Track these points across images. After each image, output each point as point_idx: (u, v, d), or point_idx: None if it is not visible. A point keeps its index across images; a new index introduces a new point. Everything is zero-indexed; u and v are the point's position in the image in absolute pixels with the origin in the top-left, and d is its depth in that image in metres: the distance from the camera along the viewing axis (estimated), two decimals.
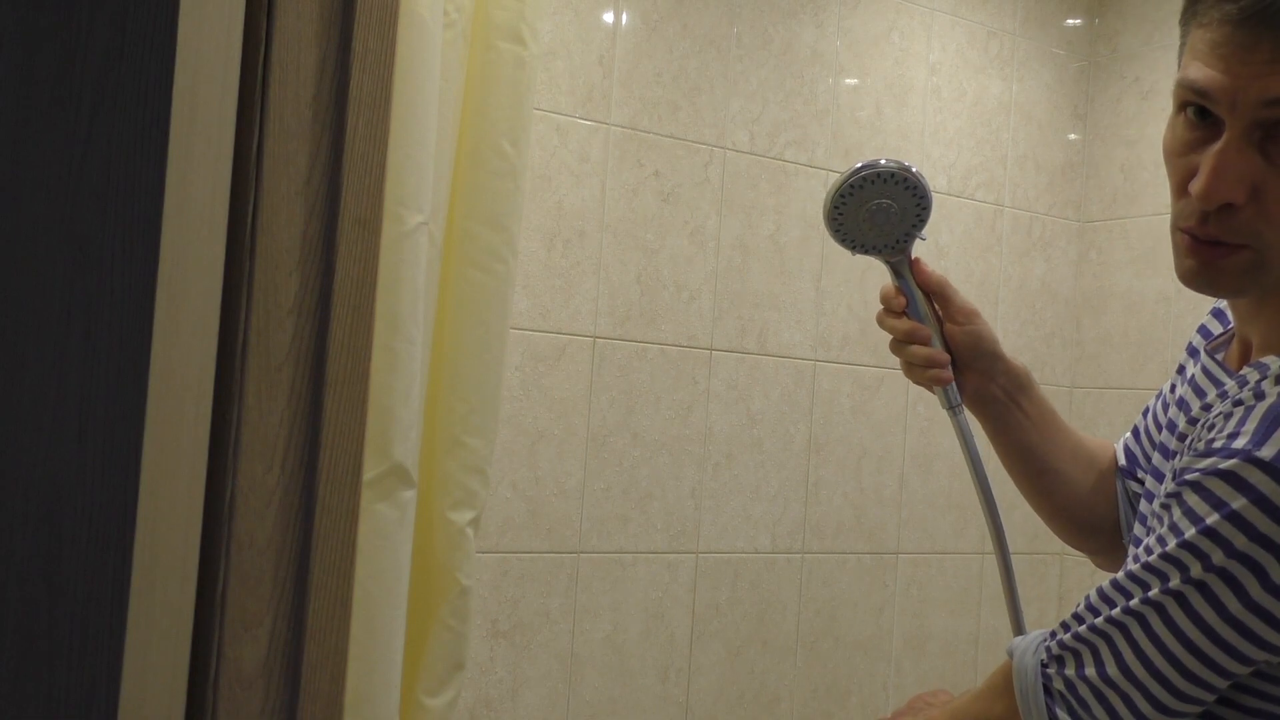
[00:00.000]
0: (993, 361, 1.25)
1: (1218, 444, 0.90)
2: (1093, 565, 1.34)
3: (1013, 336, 2.65)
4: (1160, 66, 2.63)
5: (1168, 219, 0.97)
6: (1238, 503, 0.87)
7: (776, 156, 2.31)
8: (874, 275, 2.44)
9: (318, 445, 0.92)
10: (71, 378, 0.77)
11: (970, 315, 1.26)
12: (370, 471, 1.34)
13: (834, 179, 1.25)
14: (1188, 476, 0.91)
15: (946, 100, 2.55)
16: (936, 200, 2.52)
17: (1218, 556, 0.89)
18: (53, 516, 0.77)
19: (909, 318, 1.29)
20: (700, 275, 2.22)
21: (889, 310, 1.32)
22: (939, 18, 2.54)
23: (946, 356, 1.26)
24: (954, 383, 1.24)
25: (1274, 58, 0.87)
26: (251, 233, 0.88)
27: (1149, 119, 2.64)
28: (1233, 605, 0.89)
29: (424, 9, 1.39)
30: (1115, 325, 2.67)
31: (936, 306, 1.29)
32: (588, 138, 2.10)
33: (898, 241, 1.24)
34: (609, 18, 2.13)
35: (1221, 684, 0.93)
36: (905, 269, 1.25)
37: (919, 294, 1.28)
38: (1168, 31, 2.63)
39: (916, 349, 1.28)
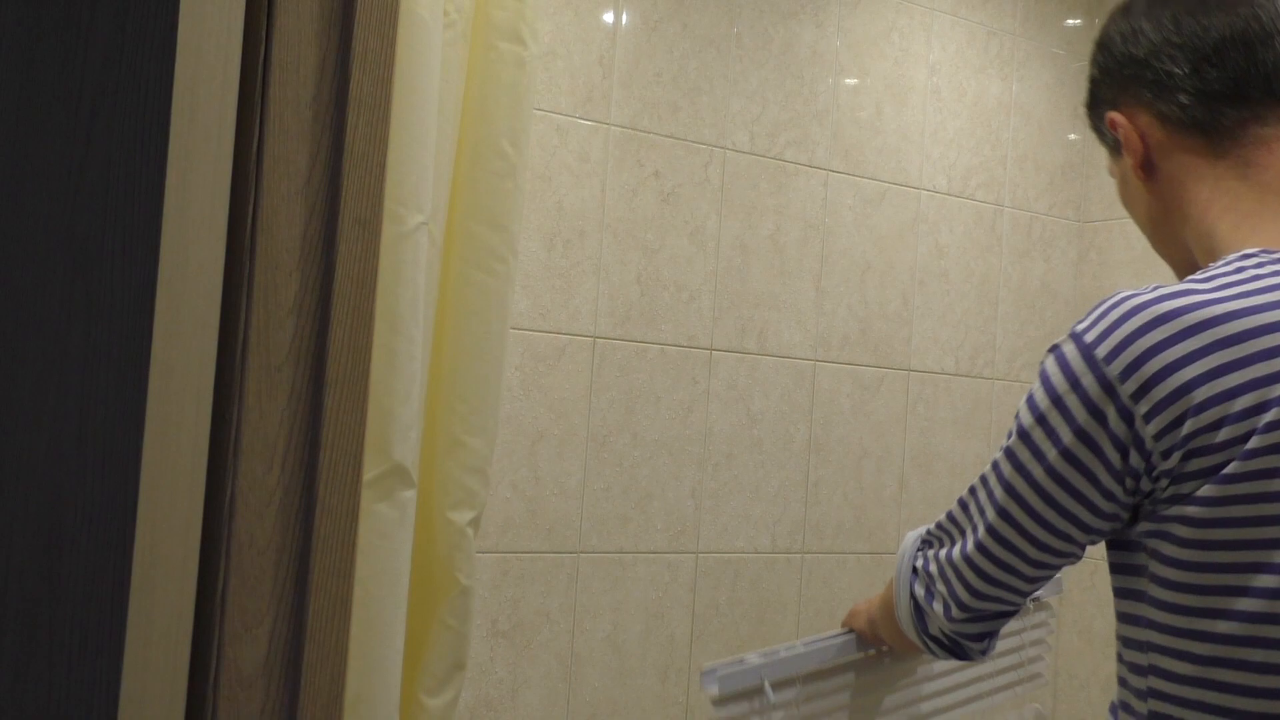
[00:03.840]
0: None
1: None
2: (1091, 565, 1.40)
3: (1013, 336, 2.65)
4: None
5: None
6: (1046, 361, 1.03)
7: (776, 156, 2.31)
8: (874, 275, 2.44)
9: (318, 445, 0.92)
10: (71, 378, 0.77)
11: None
12: (370, 471, 1.34)
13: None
14: None
15: (946, 100, 2.55)
16: (937, 200, 2.53)
17: (1026, 418, 1.02)
18: (53, 516, 0.77)
19: None
20: (700, 275, 2.22)
21: None
22: (939, 18, 2.54)
23: None
24: None
25: None
26: (251, 233, 0.88)
27: None
28: (1036, 470, 1.00)
29: (424, 9, 1.39)
30: None
31: None
32: (588, 138, 2.10)
33: None
34: (609, 18, 2.13)
35: (1035, 558, 1.04)
36: None
37: None
38: None
39: None
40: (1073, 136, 2.76)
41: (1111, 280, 2.69)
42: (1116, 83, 1.10)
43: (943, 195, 2.52)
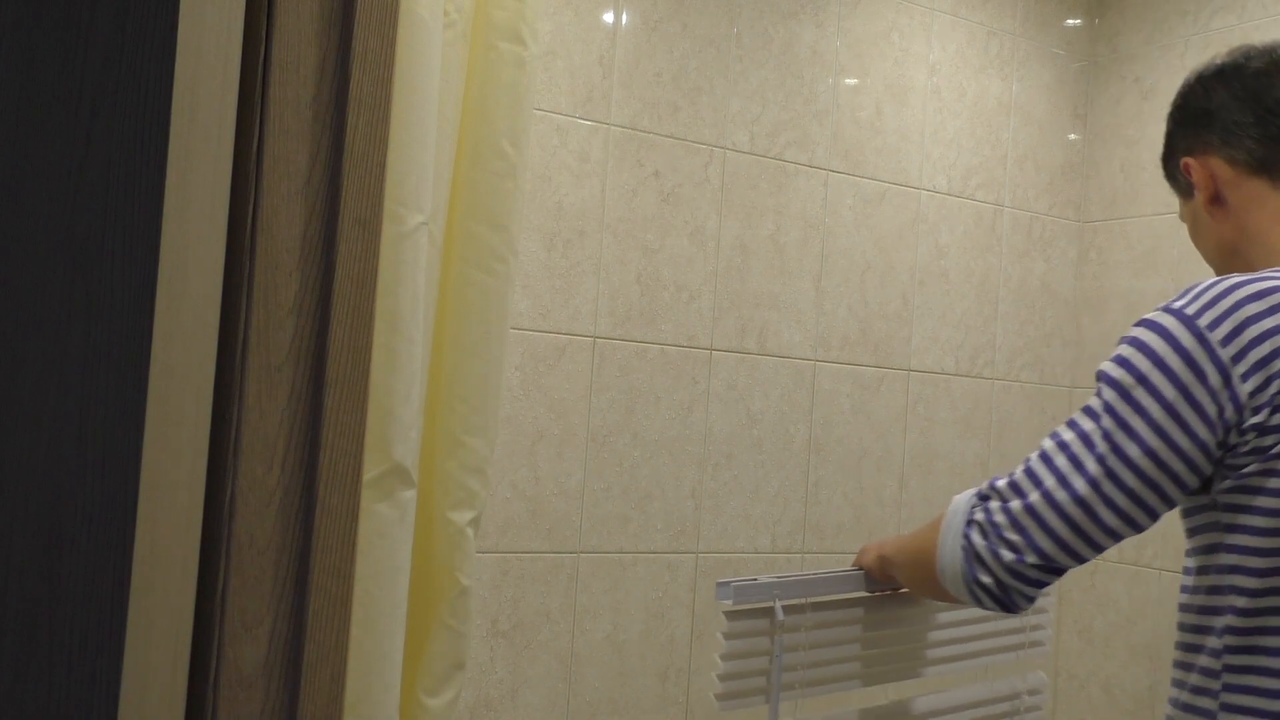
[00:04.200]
0: None
1: None
2: (1091, 565, 1.50)
3: (1013, 336, 2.65)
4: (1160, 66, 2.63)
5: (1167, 219, 1.32)
6: (1139, 331, 1.18)
7: (776, 156, 2.31)
8: (874, 275, 2.44)
9: (318, 445, 0.92)
10: (71, 378, 0.77)
11: None
12: (370, 471, 1.34)
13: None
14: None
15: (946, 100, 2.55)
16: (937, 199, 2.53)
17: (1125, 378, 1.16)
18: (53, 516, 0.77)
19: None
20: (700, 275, 2.22)
21: None
22: (939, 18, 2.54)
23: None
24: None
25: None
26: (251, 233, 0.88)
27: (1149, 119, 2.64)
28: (1139, 424, 1.15)
29: (424, 9, 1.39)
30: (1115, 325, 2.67)
31: None
32: (588, 138, 2.10)
33: None
34: (609, 18, 2.13)
35: (1126, 511, 1.17)
36: None
37: None
38: (1168, 31, 2.63)
39: None
40: (1073, 136, 2.76)
41: (1111, 280, 2.69)
42: (1190, 133, 1.35)
43: (943, 195, 2.52)
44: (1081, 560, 1.21)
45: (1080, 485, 1.17)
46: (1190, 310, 1.16)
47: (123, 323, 0.76)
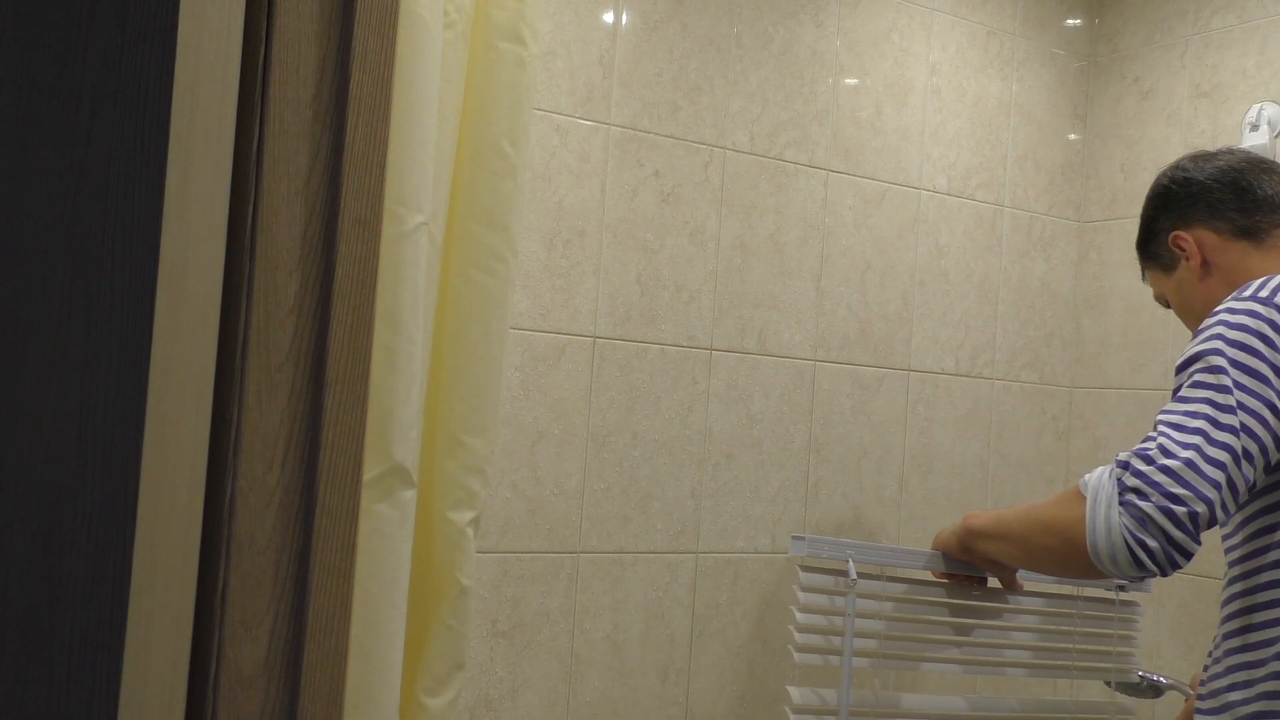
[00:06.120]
0: None
1: None
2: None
3: (1013, 336, 2.65)
4: (1160, 66, 2.63)
5: None
6: (1225, 316, 1.36)
7: (776, 156, 2.31)
8: (874, 275, 2.44)
9: (318, 445, 0.92)
10: (71, 378, 0.77)
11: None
12: (370, 471, 1.34)
13: None
14: None
15: (946, 100, 2.55)
16: (937, 199, 2.53)
17: (1227, 348, 1.32)
18: (53, 516, 0.77)
19: None
20: (700, 275, 2.22)
21: None
22: (939, 18, 2.54)
23: None
24: None
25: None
26: (251, 233, 0.88)
27: (1149, 119, 2.63)
28: (1253, 383, 1.30)
29: (424, 9, 1.39)
30: (1115, 325, 2.67)
31: None
32: (588, 138, 2.10)
33: None
34: (609, 18, 2.13)
35: (1257, 462, 1.30)
36: None
37: None
38: (1168, 31, 2.62)
39: None
40: (1073, 136, 2.76)
41: (1111, 280, 2.69)
42: (1177, 213, 1.56)
43: (943, 195, 2.52)
44: (1229, 514, 1.32)
45: (1227, 438, 1.28)
46: (1263, 294, 1.36)
47: (123, 323, 0.76)
